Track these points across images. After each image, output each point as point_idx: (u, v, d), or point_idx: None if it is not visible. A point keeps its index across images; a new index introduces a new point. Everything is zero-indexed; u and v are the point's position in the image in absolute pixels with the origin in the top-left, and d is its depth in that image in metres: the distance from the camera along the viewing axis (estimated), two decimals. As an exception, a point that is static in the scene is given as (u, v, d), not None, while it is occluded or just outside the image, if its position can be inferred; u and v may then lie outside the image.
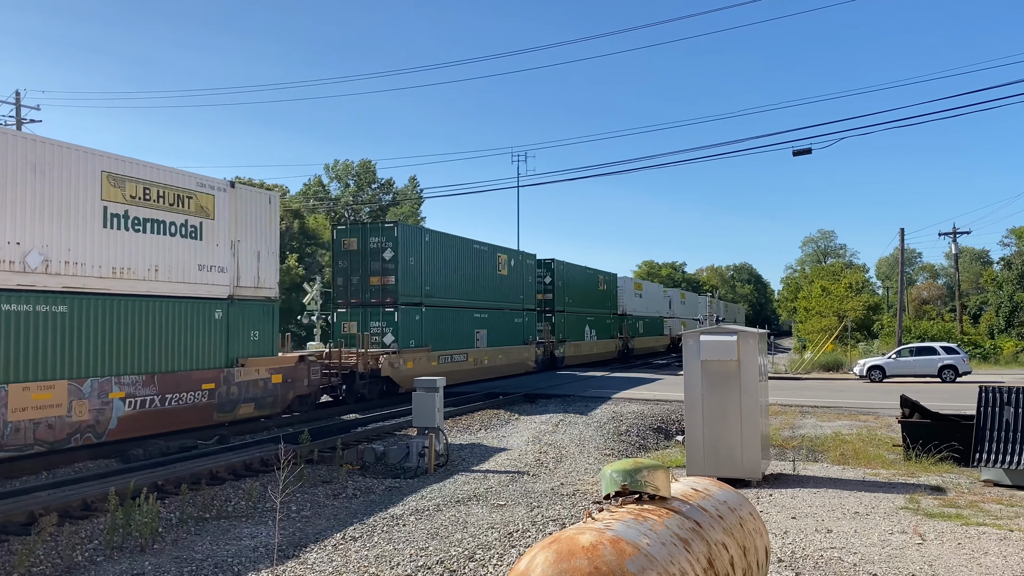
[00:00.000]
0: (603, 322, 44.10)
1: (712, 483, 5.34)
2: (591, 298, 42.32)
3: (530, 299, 33.62)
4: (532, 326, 33.72)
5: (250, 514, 10.46)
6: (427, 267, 25.08)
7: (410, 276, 24.11)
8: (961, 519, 9.37)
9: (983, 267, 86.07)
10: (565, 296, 38.08)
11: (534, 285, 34.41)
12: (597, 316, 43.20)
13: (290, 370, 18.86)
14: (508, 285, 31.07)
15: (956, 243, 57.48)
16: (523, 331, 32.57)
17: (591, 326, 41.88)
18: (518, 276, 32.23)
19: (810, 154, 23.50)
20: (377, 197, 67.36)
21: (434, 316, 25.36)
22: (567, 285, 38.49)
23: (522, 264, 32.86)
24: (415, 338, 24.22)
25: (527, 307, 33.05)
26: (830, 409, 21.53)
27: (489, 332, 29.07)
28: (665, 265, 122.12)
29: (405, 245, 23.86)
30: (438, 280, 25.80)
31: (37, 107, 43.56)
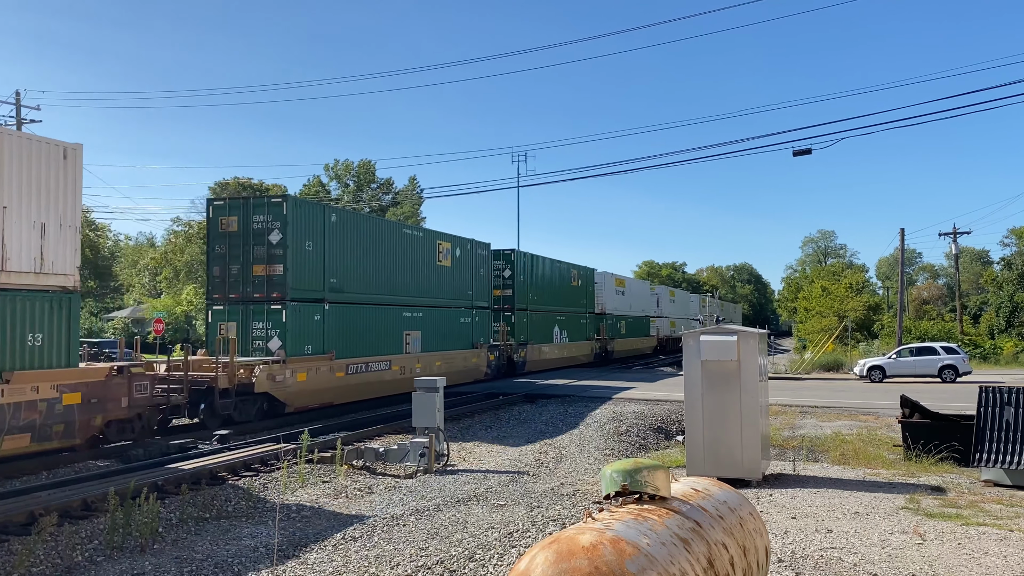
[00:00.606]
0: (576, 322, 39.72)
1: (712, 483, 5.33)
2: (562, 295, 37.83)
3: (483, 295, 28.81)
4: (485, 327, 28.85)
5: (250, 514, 10.46)
6: (333, 254, 20.13)
7: (306, 265, 19.18)
8: (961, 519, 9.37)
9: (983, 267, 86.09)
10: (528, 292, 33.54)
11: (488, 279, 29.59)
12: (569, 315, 38.79)
13: (96, 387, 13.72)
14: (453, 279, 26.27)
15: (956, 243, 57.49)
16: (472, 333, 27.60)
17: (561, 327, 37.49)
18: (467, 268, 27.34)
19: (810, 154, 23.53)
20: (377, 197, 67.37)
21: (342, 315, 20.42)
22: (531, 280, 33.98)
23: (472, 255, 27.94)
24: (313, 343, 19.39)
25: (479, 305, 28.31)
26: (830, 409, 21.53)
27: (425, 334, 24.22)
28: (665, 265, 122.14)
29: (298, 225, 18.93)
30: (350, 271, 20.90)
31: (37, 107, 43.67)
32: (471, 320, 27.70)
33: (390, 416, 19.36)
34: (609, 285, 46.04)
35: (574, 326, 39.32)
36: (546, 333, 35.71)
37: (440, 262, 25.65)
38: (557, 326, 36.89)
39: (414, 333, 23.83)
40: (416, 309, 24.01)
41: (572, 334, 38.82)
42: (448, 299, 26.15)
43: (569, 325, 38.59)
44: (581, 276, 41.02)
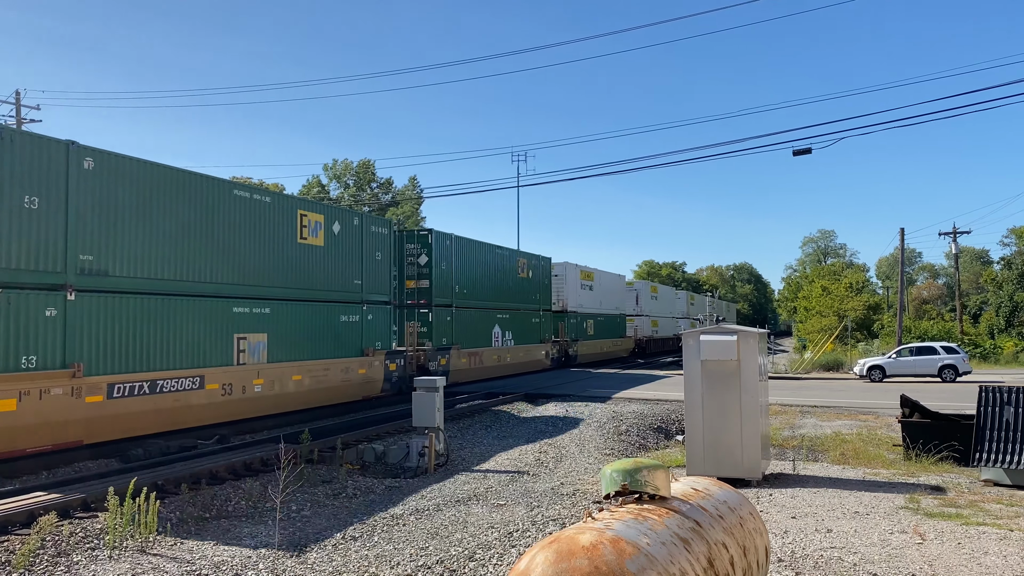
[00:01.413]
0: (527, 322, 33.30)
1: (712, 483, 5.33)
2: (506, 289, 31.44)
3: (380, 287, 21.98)
4: (383, 328, 21.89)
5: (250, 514, 10.46)
6: (85, 217, 13.52)
7: (24, 229, 12.51)
8: (961, 519, 9.37)
9: (983, 267, 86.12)
10: (454, 284, 27.04)
11: (391, 266, 22.90)
12: (516, 313, 32.18)
13: None
14: (328, 263, 19.69)
15: (956, 243, 57.50)
16: (361, 335, 20.84)
17: (504, 327, 31.07)
18: (352, 251, 20.71)
19: (810, 154, 23.52)
20: (377, 197, 67.36)
21: (107, 310, 13.80)
22: (458, 269, 27.51)
23: (362, 233, 21.19)
24: (39, 351, 12.62)
25: (374, 299, 21.61)
26: (830, 409, 21.53)
27: (275, 337, 17.62)
28: (665, 265, 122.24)
29: None
30: (121, 244, 14.23)
31: (37, 107, 43.59)
32: (360, 319, 20.83)
33: (390, 416, 19.36)
34: (573, 278, 40.04)
35: (523, 326, 32.96)
36: (481, 335, 28.98)
37: (305, 239, 18.83)
38: (498, 326, 30.39)
39: (254, 336, 16.93)
40: (260, 303, 17.24)
41: (520, 336, 32.44)
42: (319, 290, 19.33)
43: (516, 325, 32.11)
44: (533, 267, 34.45)
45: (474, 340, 28.54)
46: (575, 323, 40.03)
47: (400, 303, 25.02)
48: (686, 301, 72.94)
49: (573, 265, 40.38)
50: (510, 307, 31.91)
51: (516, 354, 32.25)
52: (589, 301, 42.46)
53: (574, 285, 40.16)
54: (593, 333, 42.98)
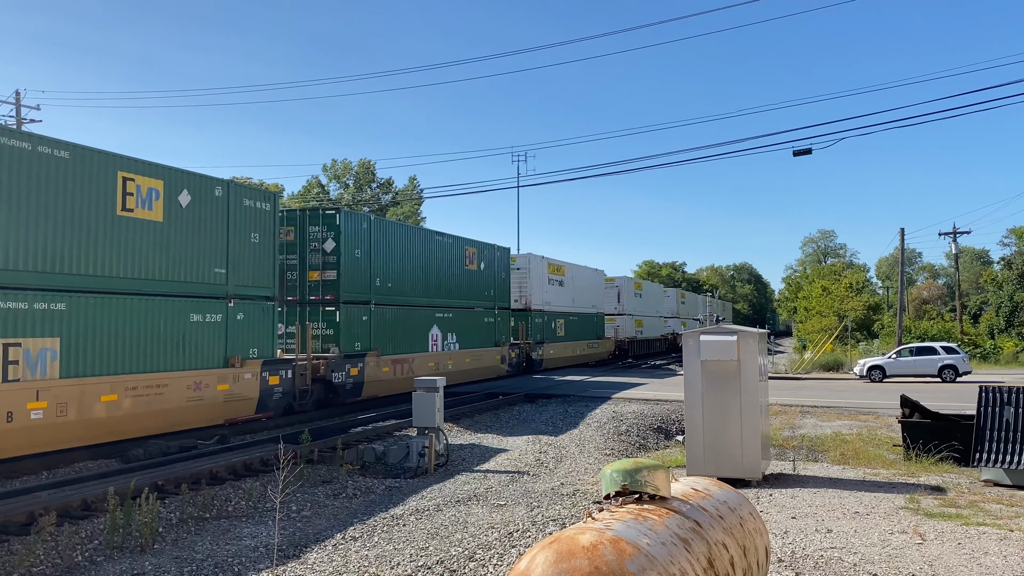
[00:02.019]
0: (476, 322, 28.24)
1: (712, 483, 5.33)
2: (448, 283, 26.39)
3: (255, 277, 17.10)
4: (254, 329, 16.97)
5: (250, 514, 10.46)
6: None
7: None
8: (961, 519, 9.37)
9: (983, 267, 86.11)
10: (372, 277, 21.97)
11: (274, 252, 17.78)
12: (462, 312, 27.15)
13: None
14: (154, 245, 14.82)
15: (956, 243, 57.52)
16: (210, 340, 15.83)
17: (447, 328, 26.00)
18: (203, 227, 15.81)
19: (810, 154, 23.52)
20: (377, 197, 67.36)
21: None
22: (379, 259, 22.26)
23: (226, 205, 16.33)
24: None
25: (246, 293, 16.79)
26: (830, 409, 21.53)
27: (72, 343, 13.14)
28: (665, 265, 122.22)
29: None
30: None
31: (37, 107, 43.66)
32: (225, 319, 16.14)
33: (390, 416, 19.34)
34: (538, 272, 35.29)
35: (472, 327, 27.83)
36: (412, 338, 23.86)
37: (130, 211, 14.37)
38: (437, 327, 25.34)
39: (34, 342, 12.48)
40: (48, 295, 12.82)
41: (468, 338, 27.35)
42: (154, 280, 14.81)
43: (462, 326, 27.04)
44: (486, 258, 29.44)
45: (403, 344, 23.14)
46: (541, 323, 35.23)
47: (301, 299, 20.57)
48: (676, 299, 68.33)
49: (539, 257, 35.53)
50: (454, 304, 26.49)
51: (460, 360, 26.64)
52: (559, 298, 37.50)
53: (540, 280, 35.40)
54: (564, 334, 38.08)
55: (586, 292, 41.91)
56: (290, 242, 20.51)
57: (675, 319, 65.46)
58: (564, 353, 37.76)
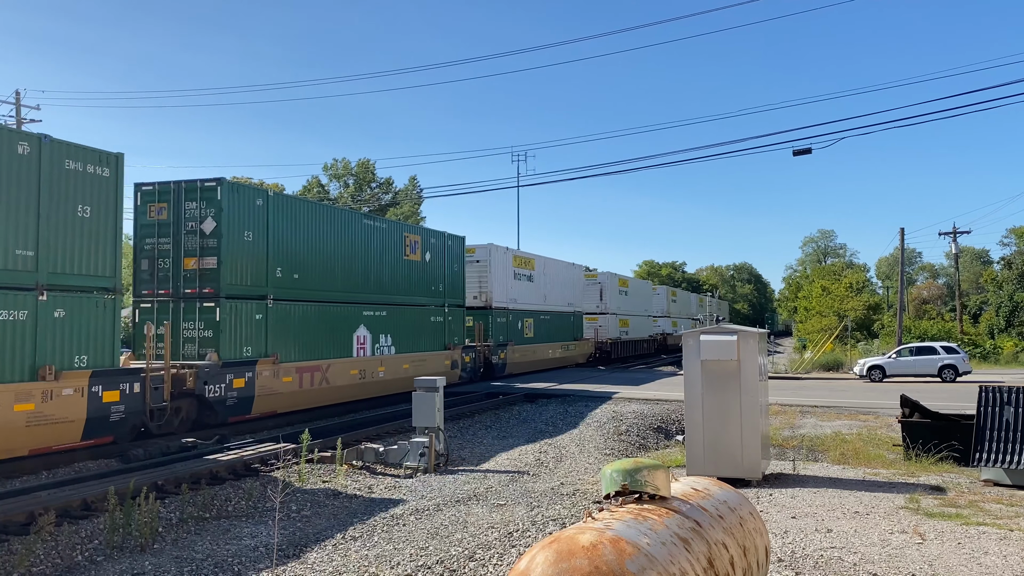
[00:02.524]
0: (420, 321, 24.47)
1: (712, 483, 5.34)
2: (381, 276, 22.67)
3: (84, 262, 13.45)
4: (78, 331, 13.17)
5: (250, 514, 10.46)
6: None
7: None
8: (961, 519, 9.37)
9: (983, 267, 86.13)
10: (269, 265, 18.10)
11: (116, 230, 14.08)
12: (400, 310, 23.42)
13: None
14: None
15: (956, 243, 57.54)
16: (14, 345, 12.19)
17: (379, 328, 22.22)
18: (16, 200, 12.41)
19: (810, 154, 23.54)
20: (377, 197, 67.36)
21: None
22: (276, 243, 18.39)
23: (34, 165, 12.61)
24: None
25: (67, 283, 13.11)
26: (830, 409, 21.53)
27: None
28: (665, 265, 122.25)
29: None
30: None
31: (37, 107, 43.64)
32: (31, 317, 12.43)
33: (390, 416, 19.31)
34: (501, 265, 31.50)
35: (414, 327, 24.01)
36: (331, 340, 20.16)
37: None
38: (365, 327, 21.57)
39: None
40: None
41: (407, 340, 23.58)
42: None
43: (400, 326, 23.29)
44: (432, 247, 25.55)
45: (315, 348, 19.47)
46: (504, 323, 31.36)
47: (175, 293, 16.94)
48: (666, 297, 63.79)
49: (502, 248, 31.67)
50: (389, 301, 22.87)
51: (396, 366, 22.83)
52: (527, 295, 33.81)
53: (503, 274, 31.53)
54: (532, 335, 34.23)
55: (561, 289, 38.28)
56: (163, 222, 17.08)
57: (665, 318, 61.83)
58: (532, 356, 33.72)
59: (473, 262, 29.84)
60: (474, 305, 29.81)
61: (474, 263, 29.96)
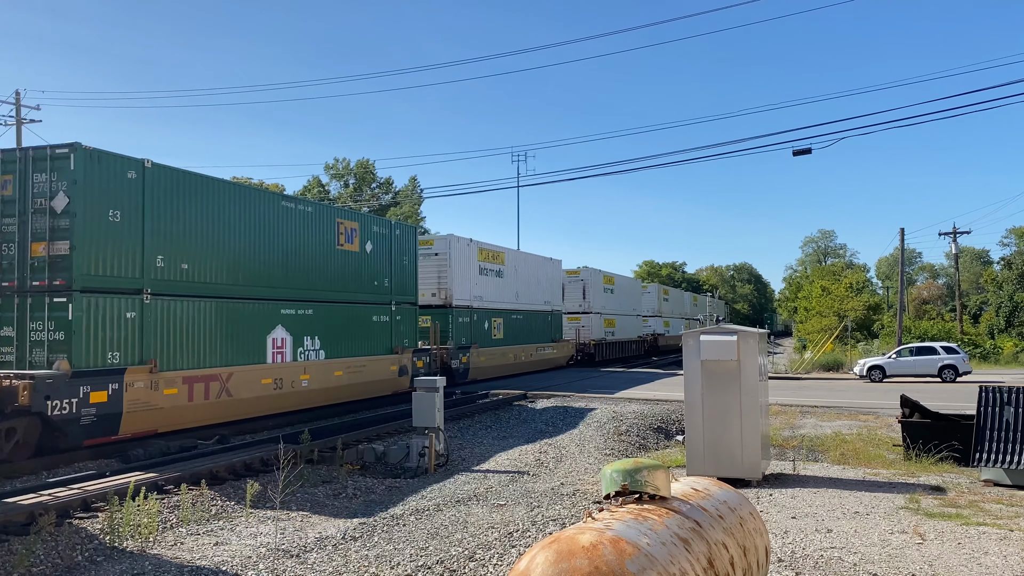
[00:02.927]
0: (359, 322, 20.96)
1: (712, 483, 5.34)
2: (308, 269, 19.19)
3: None
4: None
5: (250, 514, 10.46)
6: None
7: None
8: (961, 519, 9.38)
9: (983, 267, 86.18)
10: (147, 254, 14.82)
11: None
12: (333, 308, 19.96)
13: None
14: None
15: (956, 243, 57.56)
16: None
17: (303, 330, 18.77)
18: None
19: (810, 154, 23.53)
20: (377, 197, 67.38)
21: None
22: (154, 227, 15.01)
23: None
24: None
25: None
26: (830, 409, 21.53)
27: None
28: (665, 265, 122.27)
29: None
30: None
31: (37, 107, 43.44)
32: None
33: (390, 416, 19.32)
34: (464, 259, 28.34)
35: (350, 328, 20.54)
36: (237, 344, 16.78)
37: None
38: (284, 329, 18.16)
39: None
40: None
41: (343, 343, 20.17)
42: None
43: (333, 326, 19.83)
44: (375, 236, 21.84)
45: (213, 353, 16.16)
46: (467, 323, 28.29)
47: (21, 286, 13.73)
48: (657, 296, 60.24)
49: (463, 240, 28.65)
50: (317, 297, 19.26)
51: (325, 374, 19.27)
52: (496, 292, 30.74)
53: (467, 269, 28.43)
54: (501, 336, 30.91)
55: (537, 286, 35.16)
56: (8, 198, 13.95)
57: (656, 318, 58.44)
58: (501, 360, 30.37)
59: (430, 255, 26.96)
60: (432, 304, 27.00)
61: (431, 256, 26.97)
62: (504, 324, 31.49)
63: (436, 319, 26.64)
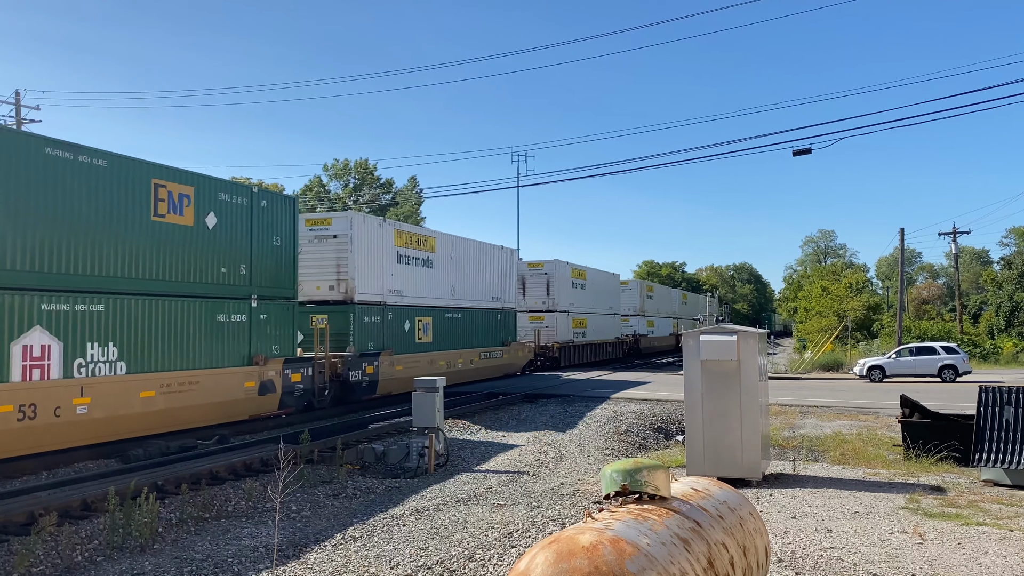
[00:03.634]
0: (198, 320, 15.83)
1: (712, 483, 5.34)
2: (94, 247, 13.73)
3: None
4: None
5: (250, 514, 10.46)
6: None
7: None
8: (961, 519, 9.38)
9: (983, 267, 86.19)
10: None
11: None
12: (137, 301, 14.45)
13: None
14: None
15: (956, 243, 57.57)
16: None
17: (86, 333, 13.38)
18: None
19: (810, 154, 23.54)
20: (377, 197, 67.38)
21: None
22: None
23: None
24: None
25: None
26: (830, 409, 21.53)
27: None
28: (665, 265, 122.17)
29: None
30: None
31: (37, 107, 43.52)
32: None
33: (390, 416, 19.29)
34: (374, 243, 22.46)
35: (183, 329, 15.50)
36: None
37: None
38: (46, 328, 12.79)
39: None
40: None
41: (169, 351, 15.07)
42: None
43: (148, 327, 14.68)
44: (224, 208, 16.72)
45: None
46: (378, 323, 22.23)
47: None
48: (640, 293, 54.00)
49: (373, 220, 23.04)
50: (113, 288, 14.07)
51: (123, 396, 13.95)
52: (423, 285, 24.91)
53: (377, 255, 22.45)
54: (430, 339, 25.12)
55: (483, 279, 29.43)
56: None
57: (638, 317, 52.85)
58: (426, 369, 23.79)
59: (325, 237, 21.39)
60: (329, 299, 21.27)
61: (327, 239, 21.36)
62: (434, 325, 25.46)
63: (333, 319, 20.75)
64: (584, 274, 42.46)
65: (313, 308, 21.04)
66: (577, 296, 40.71)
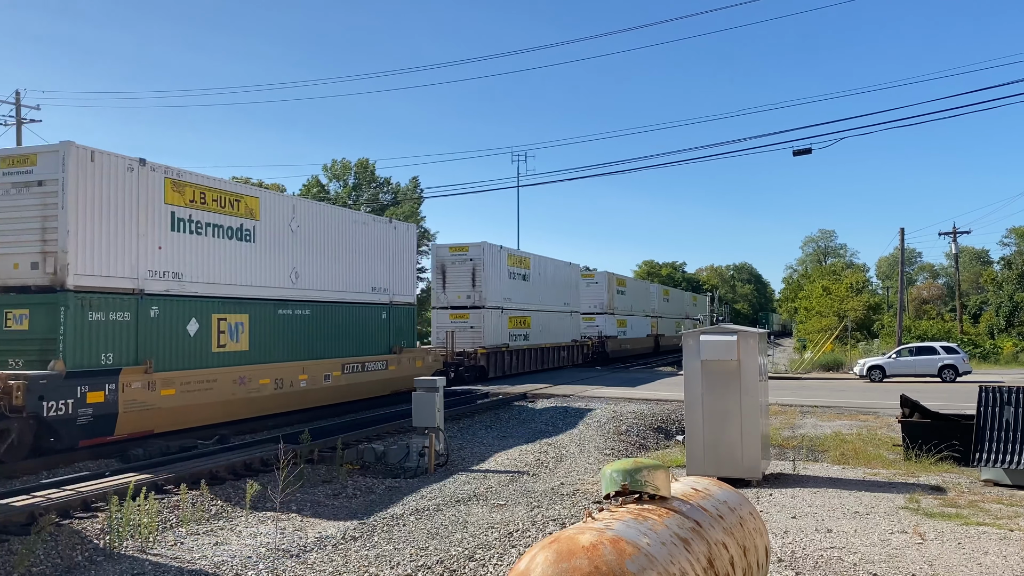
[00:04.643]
0: None
1: (712, 483, 5.33)
2: None
3: None
4: None
5: (250, 514, 10.46)
6: None
7: None
8: (961, 519, 9.37)
9: (983, 267, 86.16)
10: None
11: None
12: None
13: None
14: None
15: (956, 243, 57.52)
16: None
17: None
18: None
19: (810, 154, 23.53)
20: (377, 197, 67.36)
21: None
22: None
23: None
24: None
25: None
26: (830, 409, 21.53)
27: None
28: (665, 265, 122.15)
29: None
30: None
31: (37, 107, 43.37)
32: None
33: (390, 416, 19.28)
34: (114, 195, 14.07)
35: None
36: None
37: None
38: None
39: None
40: None
41: None
42: None
43: None
44: None
45: None
46: (127, 324, 14.36)
47: None
48: (608, 288, 45.33)
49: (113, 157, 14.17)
50: None
51: None
52: (235, 268, 17.16)
53: (124, 217, 14.38)
54: (245, 347, 17.24)
55: (356, 261, 21.71)
56: None
57: (607, 315, 44.69)
58: (231, 391, 16.44)
59: (27, 185, 13.67)
60: (30, 284, 13.57)
61: (29, 188, 13.66)
62: (253, 326, 17.58)
63: (36, 315, 13.52)
64: (527, 262, 34.50)
65: (12, 298, 13.65)
66: (517, 289, 33.04)
